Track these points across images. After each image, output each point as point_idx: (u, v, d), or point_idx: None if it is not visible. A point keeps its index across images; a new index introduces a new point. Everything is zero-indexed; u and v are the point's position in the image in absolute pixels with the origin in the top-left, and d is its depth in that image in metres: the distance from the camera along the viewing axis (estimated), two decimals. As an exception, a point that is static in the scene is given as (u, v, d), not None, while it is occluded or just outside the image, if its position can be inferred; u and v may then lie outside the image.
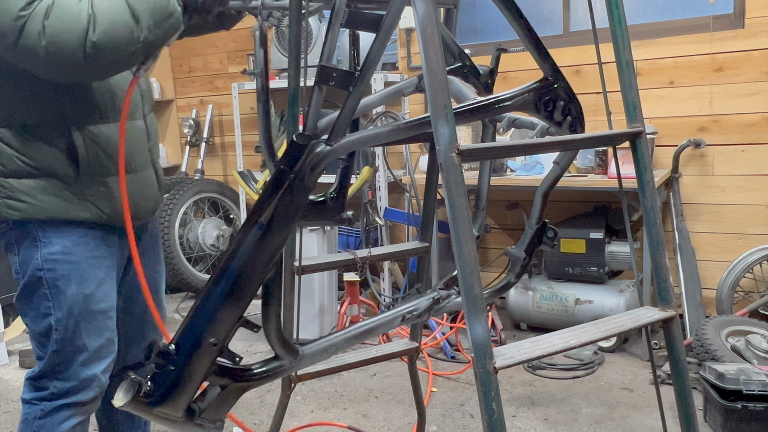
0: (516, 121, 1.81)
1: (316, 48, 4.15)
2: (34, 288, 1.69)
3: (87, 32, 1.43)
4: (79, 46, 1.43)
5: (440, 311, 1.84)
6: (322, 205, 1.57)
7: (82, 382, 1.73)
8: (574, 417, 2.84)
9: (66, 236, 1.67)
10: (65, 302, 1.68)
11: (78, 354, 1.71)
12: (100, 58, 1.46)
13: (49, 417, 1.71)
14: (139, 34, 1.48)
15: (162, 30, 1.53)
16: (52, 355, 1.71)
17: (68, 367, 1.71)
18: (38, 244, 1.66)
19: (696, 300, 3.47)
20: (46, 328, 1.70)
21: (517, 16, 1.49)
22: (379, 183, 4.14)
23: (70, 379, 1.72)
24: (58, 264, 1.67)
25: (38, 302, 1.69)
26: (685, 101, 3.68)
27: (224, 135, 5.39)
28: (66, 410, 1.72)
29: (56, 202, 1.65)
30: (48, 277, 1.67)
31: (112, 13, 1.46)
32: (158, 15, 1.50)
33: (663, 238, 1.51)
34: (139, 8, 1.48)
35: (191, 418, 1.45)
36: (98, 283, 1.72)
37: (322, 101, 1.52)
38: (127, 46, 1.48)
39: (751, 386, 2.52)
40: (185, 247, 4.74)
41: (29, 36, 1.42)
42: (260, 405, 3.05)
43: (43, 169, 1.63)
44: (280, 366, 1.54)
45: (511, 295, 3.78)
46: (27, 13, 1.41)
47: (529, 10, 4.03)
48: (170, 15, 1.52)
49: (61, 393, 1.72)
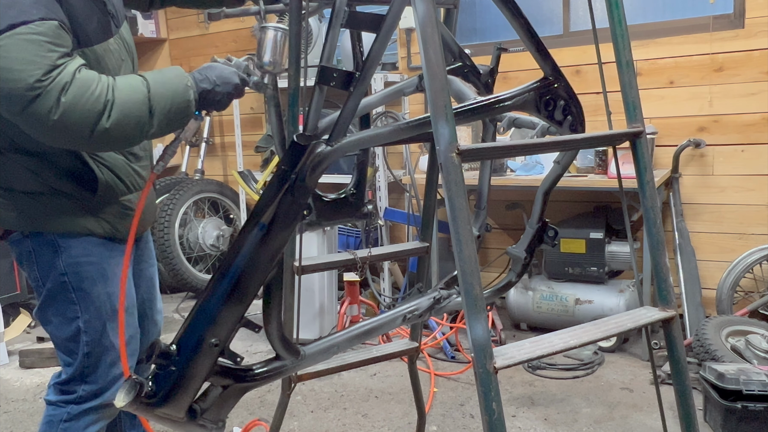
0: (516, 120, 1.81)
1: (316, 48, 4.15)
2: (58, 294, 1.69)
3: (101, 118, 1.42)
4: (88, 129, 1.42)
5: (441, 311, 1.85)
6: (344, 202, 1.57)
7: (110, 382, 1.74)
8: (574, 417, 2.84)
9: (84, 240, 1.68)
10: (92, 303, 1.69)
11: (106, 354, 1.73)
12: (104, 141, 1.47)
13: (74, 420, 1.72)
14: (149, 129, 1.50)
15: (171, 127, 1.55)
16: (83, 359, 1.71)
17: (96, 368, 1.72)
18: (58, 249, 1.67)
19: (696, 300, 3.47)
20: (74, 331, 1.70)
21: (517, 15, 1.50)
22: (379, 183, 4.14)
23: (98, 381, 1.73)
24: (82, 266, 1.68)
25: (64, 307, 1.69)
26: (685, 101, 3.68)
27: (224, 135, 5.40)
28: (93, 414, 1.73)
29: (72, 219, 1.66)
30: (72, 280, 1.68)
31: (130, 105, 1.46)
32: (173, 115, 1.52)
33: (663, 238, 1.51)
34: (157, 105, 1.49)
35: (193, 419, 1.45)
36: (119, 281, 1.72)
37: (323, 101, 1.52)
38: (132, 137, 1.50)
39: (751, 386, 2.52)
40: (185, 247, 4.74)
41: (40, 108, 1.38)
42: (260, 405, 3.05)
43: (59, 189, 1.64)
44: (281, 366, 1.54)
45: (511, 295, 3.78)
46: (43, 85, 1.37)
47: (529, 10, 4.03)
48: (185, 116, 1.55)
49: (89, 395, 1.73)
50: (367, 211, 1.62)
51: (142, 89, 1.48)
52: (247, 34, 5.06)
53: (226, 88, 1.59)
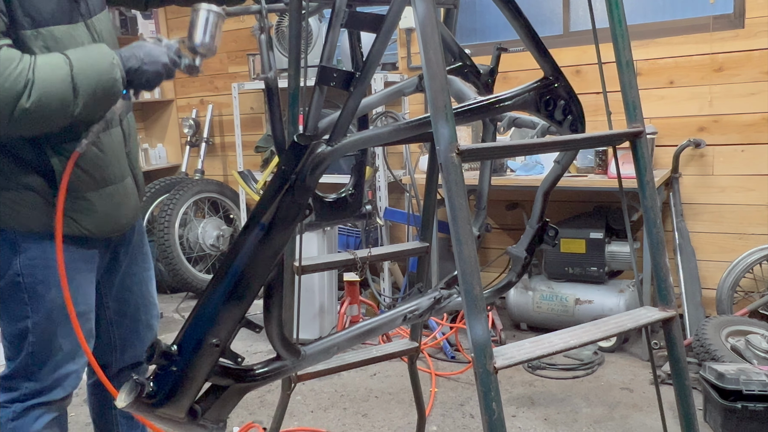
0: (516, 120, 1.81)
1: (316, 48, 4.15)
2: (11, 292, 1.67)
3: (20, 98, 1.39)
4: (8, 109, 1.39)
5: (441, 311, 1.85)
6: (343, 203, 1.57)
7: (55, 381, 1.72)
8: (574, 417, 2.84)
9: (45, 243, 1.64)
10: (44, 306, 1.67)
11: (53, 355, 1.70)
12: (25, 123, 1.43)
13: (21, 418, 1.70)
14: (74, 110, 1.46)
15: (98, 107, 1.51)
16: (26, 357, 1.69)
17: (41, 368, 1.70)
18: (18, 249, 1.64)
19: (696, 300, 3.47)
20: (21, 331, 1.68)
21: (517, 15, 1.49)
22: (379, 183, 4.14)
23: (42, 379, 1.71)
24: (38, 270, 1.65)
25: (15, 306, 1.68)
26: (685, 101, 3.68)
27: (224, 135, 5.40)
28: (38, 409, 1.71)
29: (36, 215, 1.63)
30: (27, 282, 1.65)
31: (51, 83, 1.42)
32: (99, 94, 1.48)
33: (663, 238, 1.51)
34: (81, 84, 1.45)
35: (194, 419, 1.45)
36: (77, 286, 1.70)
37: (323, 101, 1.52)
38: (57, 117, 1.46)
39: (751, 386, 2.52)
40: (185, 247, 4.74)
41: None
42: (260, 405, 3.05)
43: (23, 184, 1.61)
44: (282, 366, 1.54)
45: (511, 295, 3.78)
46: None
47: (529, 10, 4.03)
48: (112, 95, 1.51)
49: (33, 393, 1.71)
50: (366, 212, 1.61)
51: (64, 67, 1.44)
52: (247, 34, 5.06)
53: (154, 67, 1.54)
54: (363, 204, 1.61)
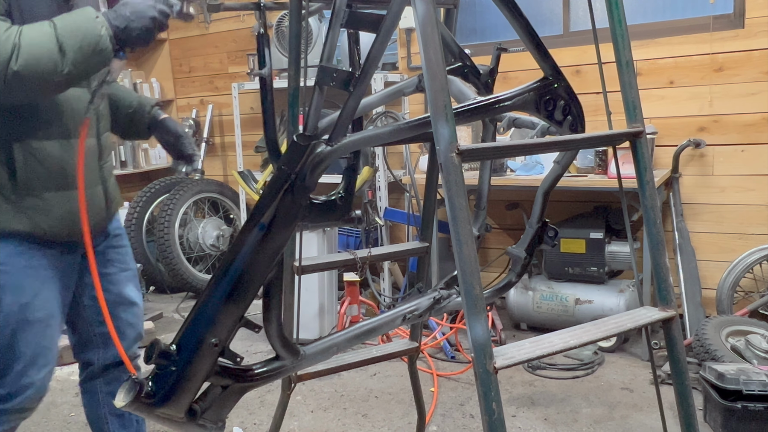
0: (516, 120, 1.81)
1: (316, 48, 4.15)
2: None
3: (9, 60, 1.42)
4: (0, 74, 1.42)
5: (441, 311, 1.85)
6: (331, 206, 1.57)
7: (21, 388, 1.70)
8: (574, 417, 2.84)
9: (1, 248, 1.64)
10: (0, 312, 1.65)
11: (14, 362, 1.69)
12: (19, 86, 1.45)
13: None
14: (63, 68, 1.47)
15: (89, 65, 1.51)
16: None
17: (4, 374, 1.69)
18: None
19: (696, 300, 3.47)
20: None
21: (517, 15, 1.49)
22: (379, 183, 4.14)
23: (7, 386, 1.69)
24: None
25: None
26: (685, 101, 3.68)
27: (224, 135, 5.40)
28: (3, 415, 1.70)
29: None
30: None
31: (37, 44, 1.45)
32: (86, 50, 1.49)
33: (663, 238, 1.51)
34: (66, 42, 1.47)
35: (193, 419, 1.45)
36: (35, 292, 1.68)
37: (323, 101, 1.52)
38: (49, 77, 1.47)
39: (751, 386, 2.52)
40: (185, 247, 4.74)
41: None
42: (260, 405, 3.05)
43: None
44: (281, 366, 1.54)
45: (511, 295, 3.78)
46: None
47: (529, 10, 4.03)
48: (99, 51, 1.51)
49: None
50: (354, 217, 1.61)
51: (47, 29, 1.47)
52: (246, 34, 5.06)
53: (142, 23, 1.54)
54: (352, 208, 1.60)
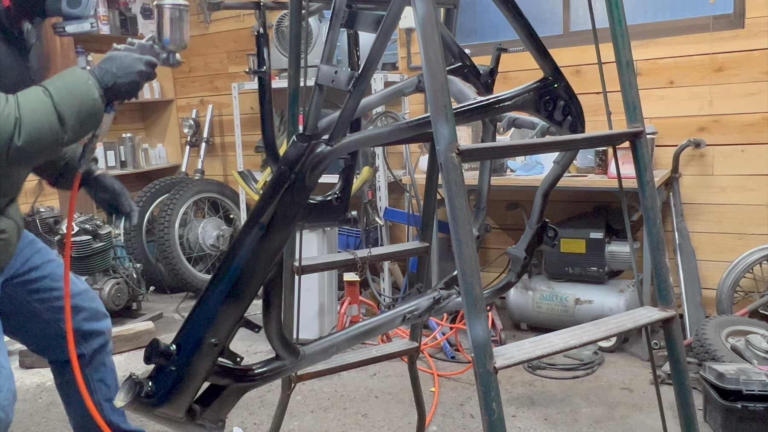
0: (516, 120, 1.81)
1: (317, 48, 4.15)
2: None
3: (12, 137, 1.41)
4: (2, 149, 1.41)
5: (441, 311, 1.85)
6: (327, 206, 1.57)
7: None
8: (574, 417, 2.84)
9: None
10: None
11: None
12: (21, 159, 1.45)
13: None
14: (63, 136, 1.48)
15: (85, 129, 1.53)
16: None
17: None
18: None
19: (696, 300, 3.47)
20: None
21: (517, 16, 1.50)
22: (379, 183, 4.14)
23: None
24: None
25: None
26: (685, 101, 3.68)
27: (224, 135, 5.40)
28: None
29: None
30: None
31: (38, 117, 1.44)
32: (84, 116, 1.50)
33: (663, 238, 1.51)
34: (65, 111, 1.47)
35: (192, 419, 1.45)
36: None
37: (323, 101, 1.52)
38: (50, 148, 1.49)
39: (751, 386, 2.52)
40: (185, 247, 4.74)
41: None
42: (260, 405, 3.05)
43: None
44: (281, 366, 1.54)
45: (511, 295, 3.78)
46: None
47: (529, 10, 4.03)
48: (94, 114, 1.52)
49: None
50: (350, 218, 1.61)
51: (46, 100, 1.47)
52: (247, 34, 5.06)
53: (129, 78, 1.56)
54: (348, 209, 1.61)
